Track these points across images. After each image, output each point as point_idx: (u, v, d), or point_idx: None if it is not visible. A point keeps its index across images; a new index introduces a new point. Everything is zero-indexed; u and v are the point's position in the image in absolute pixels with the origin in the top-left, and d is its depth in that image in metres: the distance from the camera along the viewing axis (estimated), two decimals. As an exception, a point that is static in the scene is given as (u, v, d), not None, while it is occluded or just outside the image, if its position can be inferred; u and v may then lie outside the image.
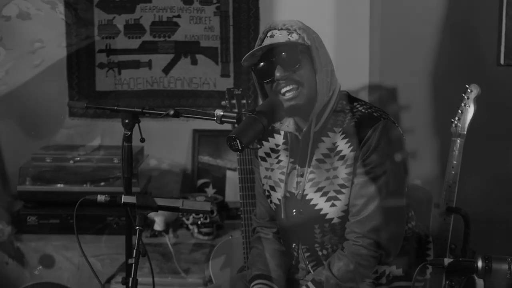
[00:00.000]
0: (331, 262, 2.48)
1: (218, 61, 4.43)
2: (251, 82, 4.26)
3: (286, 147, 2.60)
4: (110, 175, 4.02)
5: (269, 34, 2.44)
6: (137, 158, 4.06)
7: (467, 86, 2.92)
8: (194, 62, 4.43)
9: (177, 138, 4.46)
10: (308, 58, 2.41)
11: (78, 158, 4.11)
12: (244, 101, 3.40)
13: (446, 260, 2.10)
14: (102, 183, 4.00)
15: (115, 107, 2.53)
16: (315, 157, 2.50)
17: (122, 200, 2.29)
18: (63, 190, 3.99)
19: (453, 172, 2.90)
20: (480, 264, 2.03)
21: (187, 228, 4.08)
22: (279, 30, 2.43)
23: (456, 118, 2.90)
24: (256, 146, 2.64)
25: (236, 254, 3.43)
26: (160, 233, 4.00)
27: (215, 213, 4.02)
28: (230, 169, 4.39)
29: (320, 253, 2.57)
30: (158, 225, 3.98)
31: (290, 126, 2.52)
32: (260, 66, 2.43)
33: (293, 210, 2.57)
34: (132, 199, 2.28)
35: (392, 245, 2.49)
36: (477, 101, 2.88)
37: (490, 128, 3.61)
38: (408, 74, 3.96)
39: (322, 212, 2.48)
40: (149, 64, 4.45)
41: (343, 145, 2.45)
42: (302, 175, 2.53)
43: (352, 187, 2.45)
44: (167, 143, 4.43)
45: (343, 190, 2.45)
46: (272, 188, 2.63)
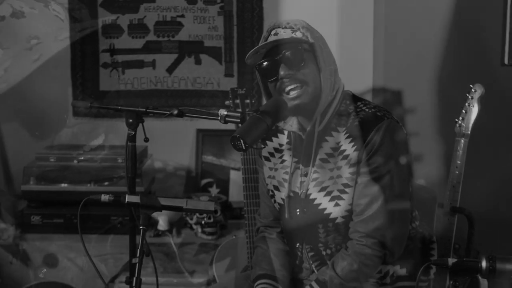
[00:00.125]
0: (335, 262, 2.48)
1: (222, 60, 4.44)
2: (255, 82, 4.27)
3: (289, 147, 2.60)
4: (114, 174, 4.02)
5: (273, 32, 2.44)
6: (141, 158, 4.06)
7: (471, 86, 2.92)
8: (198, 61, 4.44)
9: (181, 137, 4.46)
10: (312, 57, 2.40)
11: (82, 158, 4.11)
12: (248, 101, 3.40)
13: (450, 260, 2.10)
14: (106, 183, 4.00)
15: (119, 107, 2.53)
16: (319, 157, 2.50)
17: (126, 200, 2.29)
18: (67, 189, 4.00)
19: (457, 172, 2.90)
20: (484, 264, 2.03)
21: (191, 228, 4.08)
22: (283, 28, 2.43)
23: (460, 118, 2.90)
24: (260, 146, 2.64)
25: (240, 253, 3.43)
26: (164, 233, 4.00)
27: (218, 213, 4.02)
28: (234, 168, 4.39)
29: (324, 253, 2.57)
30: (162, 225, 3.98)
31: (293, 126, 2.52)
32: (264, 65, 2.43)
33: (297, 210, 2.57)
34: (136, 199, 2.29)
35: (396, 245, 2.48)
36: (481, 101, 2.87)
37: (494, 128, 3.61)
38: (412, 75, 3.96)
39: (326, 212, 2.48)
40: (153, 64, 4.45)
41: (346, 144, 2.45)
42: (306, 175, 2.53)
43: (356, 186, 2.45)
44: (171, 143, 4.43)
45: (347, 190, 2.45)
46: (276, 188, 2.63)
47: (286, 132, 2.62)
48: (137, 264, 2.23)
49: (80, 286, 3.82)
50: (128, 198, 2.29)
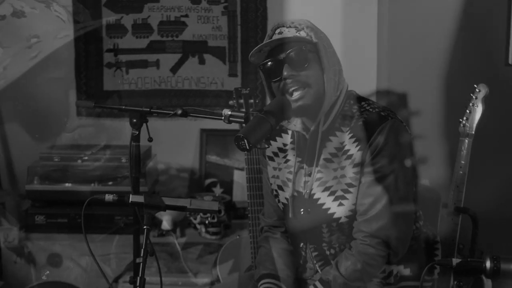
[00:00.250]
0: (339, 262, 2.48)
1: (225, 60, 4.44)
2: (259, 82, 4.27)
3: (293, 147, 2.59)
4: (118, 174, 4.03)
5: (277, 31, 2.44)
6: (145, 158, 4.07)
7: (475, 86, 2.91)
8: (202, 61, 4.44)
9: (184, 137, 4.47)
10: (316, 57, 2.40)
11: (86, 158, 4.11)
12: (252, 101, 3.39)
13: (454, 260, 2.09)
14: (110, 183, 4.01)
15: (123, 107, 2.53)
16: (322, 157, 2.49)
17: (130, 200, 2.29)
18: (71, 189, 4.00)
19: (461, 172, 2.90)
20: (488, 264, 2.03)
21: (195, 228, 4.09)
22: (287, 27, 2.43)
23: (464, 118, 2.90)
24: (264, 146, 2.64)
25: (244, 253, 3.43)
26: (167, 233, 4.01)
27: (222, 213, 4.02)
28: (237, 168, 4.39)
29: (327, 253, 2.57)
30: (166, 225, 3.99)
31: (297, 125, 2.52)
32: (268, 65, 2.42)
33: (301, 210, 2.57)
34: (140, 199, 2.29)
35: (400, 245, 2.48)
36: (485, 101, 2.87)
37: (499, 128, 3.60)
38: (416, 75, 3.95)
39: (329, 212, 2.48)
40: (156, 64, 4.45)
41: (350, 144, 2.44)
42: (310, 175, 2.53)
43: (360, 186, 2.45)
44: (174, 142, 4.43)
45: (351, 190, 2.45)
46: (280, 188, 2.63)
47: (290, 132, 2.62)
48: (141, 263, 2.23)
49: (84, 285, 3.82)
50: (132, 198, 2.29)
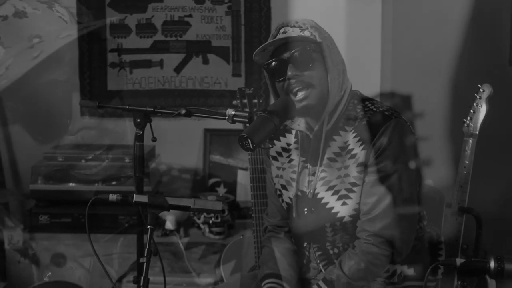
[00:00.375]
0: (342, 261, 2.48)
1: (229, 60, 4.44)
2: (263, 82, 4.27)
3: (297, 146, 2.60)
4: (122, 174, 4.03)
5: (281, 30, 2.44)
6: (149, 158, 4.07)
7: (479, 86, 2.91)
8: (206, 61, 4.44)
9: (188, 137, 4.47)
10: (320, 57, 2.40)
11: (90, 157, 4.12)
12: (256, 101, 3.39)
13: (458, 260, 2.09)
14: (114, 182, 4.01)
15: (127, 106, 2.53)
16: (326, 156, 2.49)
17: (133, 199, 2.29)
18: (75, 189, 4.01)
19: (465, 172, 2.89)
20: (492, 264, 2.03)
21: (198, 228, 4.09)
22: (291, 27, 2.43)
23: (468, 118, 2.89)
24: (268, 146, 2.64)
25: (247, 253, 3.43)
26: (171, 232, 4.01)
27: (226, 213, 4.02)
28: (241, 168, 4.39)
29: (331, 252, 2.57)
30: (170, 224, 3.99)
31: (301, 125, 2.52)
32: (273, 64, 2.43)
33: (305, 209, 2.57)
34: (143, 198, 2.29)
35: (404, 244, 2.48)
36: (489, 101, 2.87)
37: (503, 128, 3.60)
38: (420, 75, 3.95)
39: (333, 211, 2.48)
40: (160, 64, 4.45)
41: (354, 143, 2.44)
42: (314, 174, 2.53)
43: (363, 185, 2.44)
44: (178, 142, 4.43)
45: (355, 189, 2.45)
46: (284, 187, 2.63)
47: (294, 132, 2.62)
48: (145, 263, 2.23)
49: (87, 285, 3.83)
50: (136, 198, 2.29)
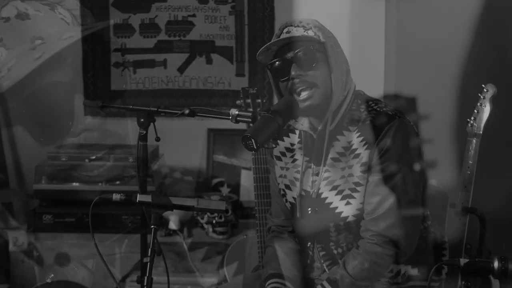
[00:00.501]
0: (346, 261, 2.48)
1: (233, 60, 4.44)
2: (266, 81, 4.27)
3: (301, 146, 2.60)
4: (125, 174, 4.03)
5: (285, 30, 2.45)
6: (152, 157, 4.07)
7: (483, 86, 2.90)
8: (209, 61, 4.44)
9: (192, 137, 4.47)
10: (323, 57, 2.40)
11: (94, 157, 4.12)
12: (259, 100, 3.39)
13: (462, 261, 2.09)
14: (117, 182, 4.01)
15: (131, 106, 2.53)
16: (330, 156, 2.49)
17: (137, 199, 2.29)
18: (79, 188, 4.01)
19: (468, 172, 2.89)
20: (496, 264, 2.02)
21: (202, 227, 4.09)
22: (295, 27, 2.44)
23: (472, 118, 2.89)
24: (271, 146, 2.64)
25: (251, 253, 3.43)
26: (175, 232, 4.01)
27: (229, 212, 4.02)
28: (245, 168, 4.39)
29: (335, 252, 2.57)
30: (173, 224, 3.99)
31: (304, 125, 2.52)
32: (276, 64, 2.43)
33: (309, 209, 2.57)
34: (147, 198, 2.29)
35: (407, 244, 2.48)
36: (493, 101, 2.86)
37: (507, 128, 3.59)
38: (424, 75, 3.94)
39: (337, 211, 2.48)
40: (164, 63, 4.45)
41: (358, 143, 2.44)
42: (317, 174, 2.53)
43: (367, 185, 2.45)
44: (182, 142, 4.43)
45: (358, 189, 2.45)
46: (288, 187, 2.63)
47: (297, 132, 2.62)
48: (148, 263, 2.23)
49: (91, 285, 3.83)
50: (140, 198, 2.29)
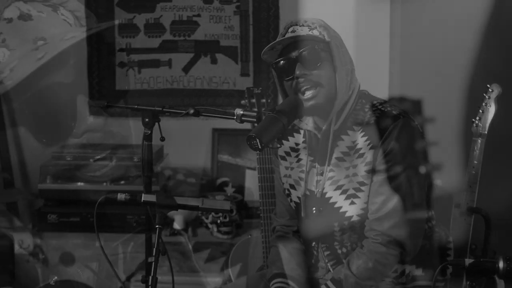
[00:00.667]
0: (350, 260, 2.48)
1: (237, 60, 4.44)
2: (271, 81, 4.27)
3: (305, 146, 2.60)
4: (130, 173, 4.03)
5: (290, 29, 2.45)
6: (157, 157, 4.07)
7: (488, 86, 2.90)
8: (214, 61, 4.44)
9: (196, 137, 4.47)
10: (328, 57, 2.41)
11: (98, 157, 4.12)
12: (264, 100, 3.39)
13: (467, 261, 2.09)
14: (122, 182, 4.02)
15: (136, 106, 2.53)
16: (334, 156, 2.49)
17: (142, 199, 2.29)
18: (83, 188, 4.01)
19: (473, 172, 2.89)
20: (501, 264, 2.02)
21: (207, 227, 4.09)
22: (300, 26, 2.44)
23: (477, 118, 2.89)
24: (276, 145, 2.64)
25: (255, 253, 3.43)
26: (179, 232, 4.01)
27: (234, 212, 4.02)
28: (249, 168, 4.39)
29: (339, 251, 2.56)
30: (178, 224, 3.99)
31: (309, 125, 2.52)
32: (281, 63, 2.43)
33: (313, 209, 2.57)
34: (152, 198, 2.29)
35: (411, 243, 2.47)
36: (498, 101, 2.85)
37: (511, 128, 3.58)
38: (429, 75, 3.93)
39: (341, 210, 2.48)
40: (169, 63, 4.46)
41: (362, 143, 2.44)
42: (322, 174, 2.53)
43: (371, 185, 2.44)
44: (186, 142, 4.43)
45: (363, 188, 2.45)
46: (292, 187, 2.63)
47: (302, 131, 2.62)
48: (153, 263, 2.23)
49: (96, 284, 3.83)
50: (144, 197, 2.30)
